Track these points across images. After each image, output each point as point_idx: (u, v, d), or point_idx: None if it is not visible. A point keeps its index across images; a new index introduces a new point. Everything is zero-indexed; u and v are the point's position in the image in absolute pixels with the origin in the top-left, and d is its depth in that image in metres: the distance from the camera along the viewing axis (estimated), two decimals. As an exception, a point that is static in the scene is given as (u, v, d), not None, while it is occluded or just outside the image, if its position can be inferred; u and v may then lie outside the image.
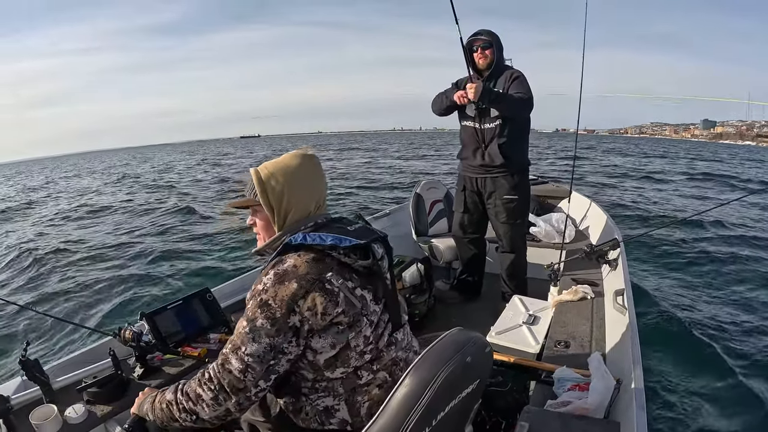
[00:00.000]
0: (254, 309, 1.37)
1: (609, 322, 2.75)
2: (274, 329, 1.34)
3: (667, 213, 12.66)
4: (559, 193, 5.69)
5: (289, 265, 1.39)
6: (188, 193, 20.57)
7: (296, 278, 1.36)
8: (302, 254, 1.42)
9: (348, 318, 1.41)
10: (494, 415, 2.07)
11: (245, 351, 1.34)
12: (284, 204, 1.54)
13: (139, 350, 2.32)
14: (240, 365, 1.35)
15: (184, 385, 1.48)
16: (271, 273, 1.39)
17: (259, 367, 1.35)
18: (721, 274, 7.32)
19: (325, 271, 1.40)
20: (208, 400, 1.39)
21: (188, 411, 1.42)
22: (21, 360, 2.04)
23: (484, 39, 3.52)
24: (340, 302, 1.39)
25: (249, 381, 1.35)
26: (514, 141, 3.64)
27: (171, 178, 28.95)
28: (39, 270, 8.74)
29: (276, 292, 1.35)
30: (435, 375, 1.16)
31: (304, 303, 1.35)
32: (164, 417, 1.49)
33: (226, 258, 8.95)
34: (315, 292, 1.36)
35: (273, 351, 1.35)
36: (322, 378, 1.44)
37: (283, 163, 1.57)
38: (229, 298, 3.16)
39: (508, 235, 3.80)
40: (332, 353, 1.41)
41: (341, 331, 1.40)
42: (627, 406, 1.77)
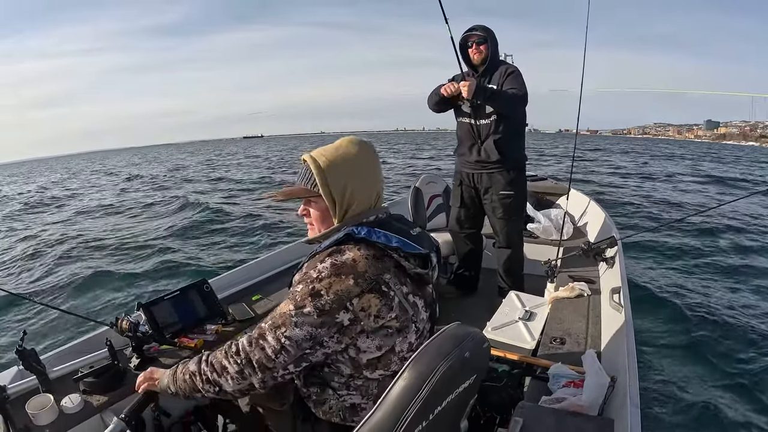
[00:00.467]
0: (304, 295, 1.32)
1: (605, 319, 2.76)
2: (320, 320, 1.31)
3: (665, 212, 12.68)
4: (558, 190, 5.69)
5: (348, 257, 1.35)
6: (193, 188, 20.60)
7: (354, 274, 1.32)
8: (362, 249, 1.38)
9: (399, 323, 1.39)
10: (489, 411, 2.07)
11: (284, 332, 1.32)
12: (347, 196, 1.47)
13: (136, 340, 2.33)
14: (276, 344, 1.33)
15: (209, 356, 1.47)
16: (328, 262, 1.34)
17: (294, 352, 1.33)
18: (717, 274, 7.36)
19: (384, 271, 1.38)
20: (233, 372, 1.37)
21: (212, 382, 1.41)
22: (18, 349, 2.05)
23: (479, 34, 3.51)
24: (394, 307, 1.37)
25: (279, 362, 1.34)
26: (510, 137, 3.64)
27: (180, 175, 28.94)
28: (37, 260, 8.75)
29: (330, 284, 1.31)
30: (433, 369, 1.15)
31: (359, 302, 1.33)
32: (186, 388, 1.48)
33: (228, 250, 8.93)
34: (372, 294, 1.34)
35: (312, 340, 1.32)
36: (359, 376, 1.42)
37: (342, 151, 1.49)
38: (226, 289, 3.16)
39: (505, 230, 3.81)
40: (377, 355, 1.39)
41: (389, 335, 1.38)
42: (621, 403, 1.78)
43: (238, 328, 2.74)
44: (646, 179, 21.14)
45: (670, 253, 8.29)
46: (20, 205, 18.21)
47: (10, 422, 1.86)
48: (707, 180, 21.38)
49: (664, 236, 9.14)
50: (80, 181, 29.31)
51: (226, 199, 16.44)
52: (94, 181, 28.17)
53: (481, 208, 3.94)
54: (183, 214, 13.28)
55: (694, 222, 10.33)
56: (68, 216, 14.32)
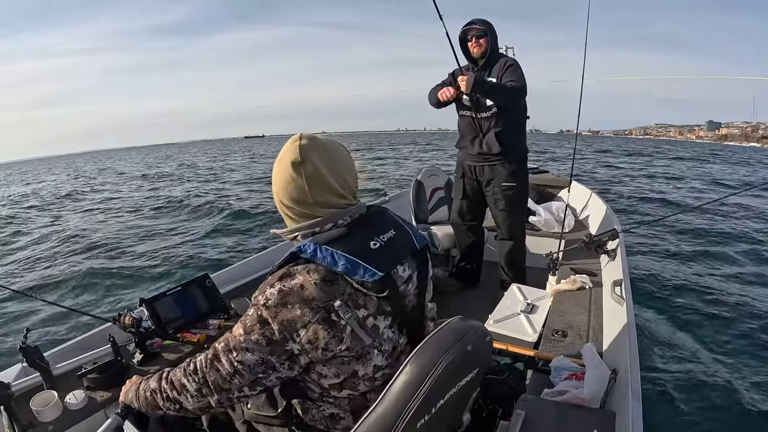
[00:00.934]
0: (253, 321, 1.26)
1: (606, 312, 2.76)
2: (269, 348, 1.25)
3: (667, 205, 12.67)
4: (559, 183, 5.69)
5: (296, 283, 1.23)
6: (197, 187, 20.61)
7: (300, 303, 1.22)
8: (311, 271, 1.24)
9: (354, 352, 1.28)
10: (491, 403, 2.07)
11: (236, 357, 1.27)
12: (291, 201, 1.38)
13: (139, 336, 2.34)
14: (229, 368, 1.28)
15: (168, 374, 1.42)
16: (276, 288, 1.24)
17: (247, 376, 1.28)
18: (720, 266, 7.36)
19: (334, 296, 1.24)
20: (192, 390, 1.34)
21: (172, 400, 1.38)
22: (21, 346, 2.05)
23: (478, 28, 3.51)
24: (345, 338, 1.25)
25: (234, 384, 1.29)
26: (511, 129, 3.65)
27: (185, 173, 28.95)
28: (40, 256, 8.76)
29: (277, 314, 1.22)
30: (436, 363, 1.15)
31: (305, 333, 1.23)
32: (148, 405, 1.46)
33: (230, 245, 8.94)
34: (318, 324, 1.22)
35: (264, 365, 1.27)
36: (328, 395, 1.37)
37: (289, 147, 1.37)
38: (229, 284, 3.18)
39: (507, 222, 3.81)
40: (336, 381, 1.32)
41: (346, 362, 1.29)
42: (623, 396, 1.78)
43: (240, 322, 2.74)
44: (651, 177, 21.01)
45: (672, 245, 8.29)
46: (23, 205, 18.21)
47: (15, 419, 1.87)
48: (715, 182, 21.20)
49: (666, 228, 9.14)
50: (82, 181, 29.29)
51: (241, 195, 16.46)
52: (104, 180, 28.18)
53: (483, 200, 3.94)
54: (196, 212, 13.29)
55: (696, 214, 10.35)
56: (72, 213, 14.33)
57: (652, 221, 9.16)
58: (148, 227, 11.01)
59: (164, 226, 11.03)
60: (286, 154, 1.36)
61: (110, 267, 7.74)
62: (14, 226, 12.48)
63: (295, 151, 1.34)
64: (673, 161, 33.61)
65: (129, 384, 1.59)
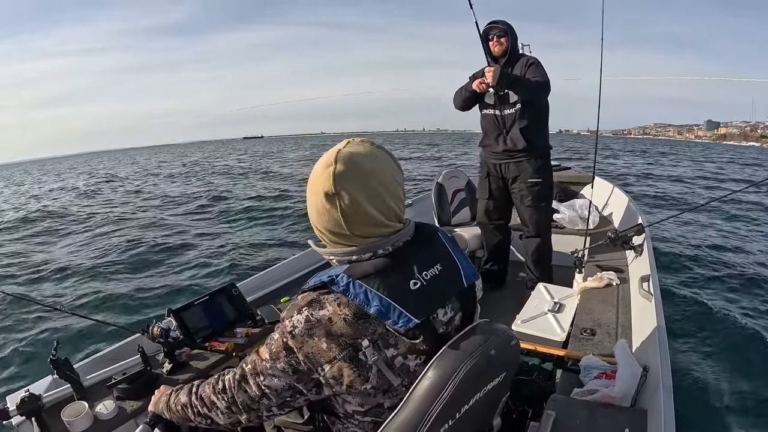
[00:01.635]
0: (278, 347, 1.20)
1: (635, 308, 2.73)
2: (296, 377, 1.20)
3: (693, 198, 12.52)
4: (582, 179, 5.65)
5: (324, 315, 1.16)
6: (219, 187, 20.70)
7: (327, 337, 1.15)
8: (342, 305, 1.15)
9: (380, 390, 1.20)
10: (520, 404, 2.06)
11: (263, 381, 1.24)
12: (331, 228, 1.25)
13: (167, 346, 2.36)
14: (257, 391, 1.25)
15: (198, 388, 1.41)
16: (304, 315, 1.17)
17: (275, 399, 1.26)
18: (750, 258, 7.24)
19: (363, 335, 1.15)
20: (222, 408, 1.32)
21: (203, 416, 1.38)
22: (51, 359, 2.09)
23: (500, 27, 3.55)
24: (371, 377, 1.17)
25: (263, 405, 1.27)
26: (535, 125, 3.66)
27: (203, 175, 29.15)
28: (67, 269, 8.85)
29: (302, 344, 1.17)
30: (458, 368, 1.12)
31: (330, 369, 1.16)
32: (179, 418, 1.46)
33: (255, 254, 8.99)
34: (344, 362, 1.15)
35: (291, 390, 1.23)
36: (352, 417, 1.31)
37: (332, 157, 1.21)
38: (255, 292, 3.20)
39: (534, 218, 3.80)
40: (361, 410, 1.26)
41: (372, 395, 1.21)
42: (654, 393, 1.76)
43: (267, 330, 2.76)
44: (669, 177, 20.75)
45: (700, 238, 8.18)
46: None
47: (46, 430, 1.89)
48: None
49: (692, 221, 9.02)
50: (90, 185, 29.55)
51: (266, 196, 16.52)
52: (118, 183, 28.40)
53: (509, 198, 3.94)
54: (218, 215, 13.37)
55: (723, 206, 10.16)
56: (93, 223, 14.47)
57: (678, 214, 9.03)
58: (174, 235, 11.08)
59: (190, 234, 11.10)
60: (319, 182, 1.21)
61: (137, 278, 7.81)
62: (38, 235, 12.63)
63: (328, 180, 1.18)
64: (692, 161, 33.31)
65: (158, 394, 1.59)
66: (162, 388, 1.60)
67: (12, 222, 14.79)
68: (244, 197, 16.65)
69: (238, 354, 2.50)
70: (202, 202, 16.14)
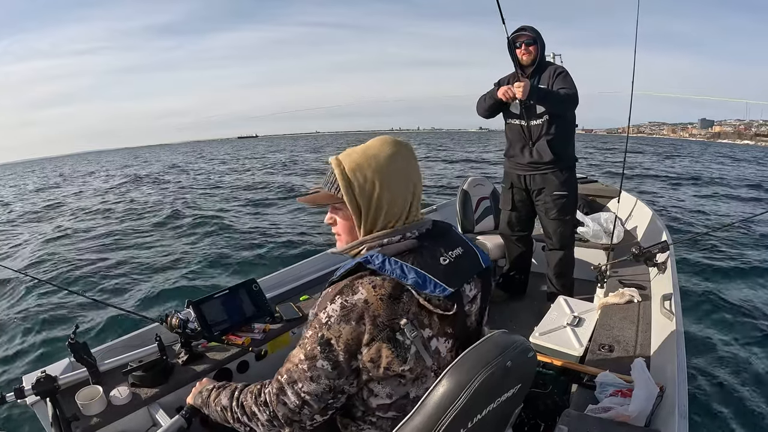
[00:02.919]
0: (314, 345, 1.22)
1: (655, 327, 2.70)
2: (336, 372, 1.21)
3: (718, 217, 12.35)
4: (608, 193, 5.60)
5: (360, 298, 1.19)
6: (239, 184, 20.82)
7: (364, 320, 1.18)
8: (377, 285, 1.20)
9: (414, 374, 1.24)
10: (533, 417, 2.05)
11: (302, 388, 1.24)
12: (374, 205, 1.32)
13: (185, 337, 2.39)
14: (297, 401, 1.25)
15: (240, 394, 1.41)
16: (338, 303, 1.20)
17: (317, 405, 1.25)
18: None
19: (400, 315, 1.20)
20: (263, 420, 1.32)
21: (243, 423, 1.37)
22: (69, 342, 2.12)
23: (528, 35, 3.49)
24: (408, 358, 1.21)
25: (305, 414, 1.26)
26: (562, 137, 3.62)
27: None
28: (91, 256, 8.96)
29: (340, 332, 1.19)
30: (472, 378, 1.12)
31: (368, 351, 1.20)
32: (219, 418, 1.46)
33: (277, 252, 9.01)
34: (383, 342, 1.19)
35: (332, 392, 1.24)
36: (372, 415, 1.32)
37: (372, 153, 1.32)
38: (275, 289, 3.21)
39: (558, 231, 3.78)
40: (387, 402, 1.28)
41: (402, 384, 1.26)
42: (669, 414, 1.75)
43: (285, 328, 2.78)
44: (692, 184, 20.42)
45: (725, 258, 8.05)
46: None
47: (60, 411, 1.92)
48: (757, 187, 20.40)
49: (718, 240, 8.89)
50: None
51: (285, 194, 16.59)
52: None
53: (532, 210, 3.92)
54: (240, 209, 13.44)
55: (749, 225, 10.01)
56: (119, 213, 14.62)
57: (703, 233, 8.92)
58: (201, 228, 11.16)
59: (217, 227, 11.16)
60: (391, 147, 1.33)
61: (159, 269, 7.89)
62: (61, 223, 12.80)
63: (404, 146, 1.35)
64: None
65: (199, 386, 1.59)
66: (204, 381, 1.61)
67: (37, 214, 15.06)
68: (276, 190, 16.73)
69: (254, 349, 2.51)
70: (236, 195, 16.27)
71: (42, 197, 22.02)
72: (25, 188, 29.19)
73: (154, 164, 46.31)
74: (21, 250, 10.12)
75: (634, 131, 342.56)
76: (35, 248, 9.97)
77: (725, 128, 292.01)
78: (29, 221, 14.19)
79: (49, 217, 14.65)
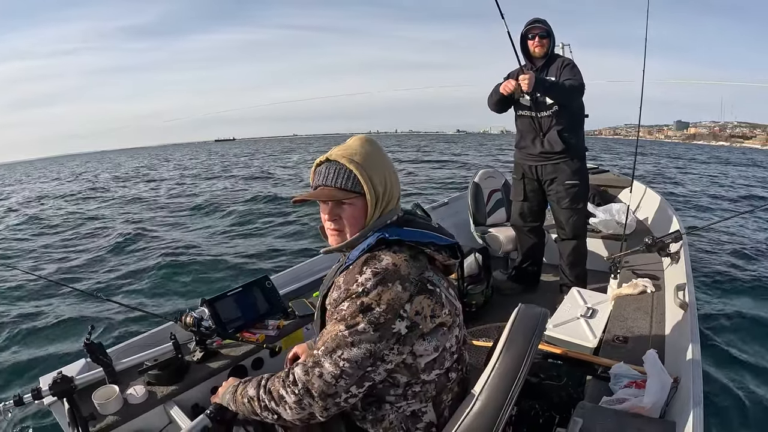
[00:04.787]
0: (354, 312, 1.26)
1: (669, 317, 2.69)
2: (377, 335, 1.25)
3: (730, 205, 12.26)
4: (620, 183, 5.59)
5: (387, 263, 1.30)
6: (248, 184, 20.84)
7: (399, 279, 1.27)
8: (396, 250, 1.34)
9: (451, 318, 1.37)
10: (548, 410, 2.05)
11: (342, 355, 1.25)
12: (388, 190, 1.44)
13: (199, 335, 2.40)
14: (334, 370, 1.26)
15: (267, 381, 1.42)
16: (369, 272, 1.28)
17: (355, 373, 1.26)
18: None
19: (424, 269, 1.36)
20: (291, 402, 1.31)
21: (270, 410, 1.37)
22: (86, 342, 2.15)
23: (542, 27, 3.51)
24: (444, 302, 1.35)
25: (341, 386, 1.27)
26: (572, 126, 3.63)
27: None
28: (105, 256, 9.01)
29: (380, 295, 1.25)
30: (527, 349, 1.32)
31: (411, 307, 1.28)
32: (246, 411, 1.45)
33: (289, 248, 9.03)
34: (421, 295, 1.30)
35: (372, 357, 1.26)
36: (417, 381, 1.37)
37: (367, 147, 1.44)
38: (288, 285, 3.23)
39: (571, 220, 3.77)
40: (434, 356, 1.35)
41: (444, 333, 1.36)
42: (684, 405, 1.73)
43: (298, 324, 2.80)
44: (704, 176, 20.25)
45: (739, 247, 7.99)
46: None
47: (77, 411, 1.94)
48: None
49: (731, 229, 8.82)
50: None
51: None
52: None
53: (544, 201, 3.93)
54: (245, 210, 13.46)
55: (763, 215, 9.93)
56: (133, 212, 14.68)
57: (716, 222, 8.85)
58: (212, 227, 11.20)
59: (229, 226, 11.20)
60: (372, 143, 1.47)
61: (173, 267, 7.91)
62: (76, 224, 12.85)
63: (376, 141, 1.49)
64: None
65: (226, 385, 1.59)
66: (230, 380, 1.61)
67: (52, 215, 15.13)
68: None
69: (269, 345, 2.52)
70: (248, 196, 16.31)
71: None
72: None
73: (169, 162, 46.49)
74: (31, 252, 10.16)
75: (610, 133, 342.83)
76: (47, 250, 10.02)
77: (700, 130, 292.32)
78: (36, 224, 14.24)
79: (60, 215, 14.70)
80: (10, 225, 13.65)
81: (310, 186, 1.50)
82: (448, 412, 1.44)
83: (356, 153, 1.41)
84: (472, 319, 3.63)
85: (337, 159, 1.41)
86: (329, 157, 1.43)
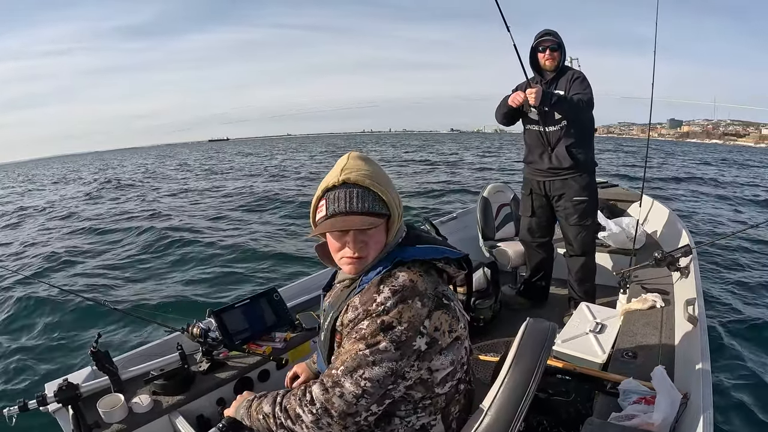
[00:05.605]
0: (374, 331, 1.25)
1: (678, 333, 2.67)
2: (399, 353, 1.25)
3: (741, 219, 12.18)
4: (630, 197, 5.55)
5: (404, 280, 1.30)
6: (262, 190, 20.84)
7: (419, 296, 1.28)
8: (410, 267, 1.34)
9: (465, 331, 1.41)
10: (556, 426, 2.03)
11: (363, 375, 1.24)
12: (401, 207, 1.42)
13: (206, 346, 2.42)
14: (356, 389, 1.25)
15: (282, 398, 1.39)
16: (387, 291, 1.28)
17: (377, 392, 1.27)
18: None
19: (437, 284, 1.37)
20: (308, 422, 1.29)
21: (286, 428, 1.34)
22: (92, 351, 2.16)
23: (553, 40, 3.48)
24: (459, 316, 1.38)
25: (362, 406, 1.26)
26: (581, 141, 3.59)
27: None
28: (113, 265, 9.02)
29: (400, 313, 1.25)
30: (537, 363, 1.32)
31: (430, 323, 1.30)
32: (260, 427, 1.42)
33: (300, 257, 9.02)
34: (439, 310, 1.32)
35: (393, 376, 1.27)
36: (432, 395, 1.37)
37: (370, 166, 1.38)
38: (295, 298, 3.23)
39: (579, 237, 3.74)
40: (449, 370, 1.36)
41: (459, 347, 1.38)
42: (693, 421, 1.72)
43: (305, 336, 2.79)
44: (711, 186, 20.09)
45: (750, 262, 7.93)
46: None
47: (82, 418, 1.94)
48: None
49: (742, 244, 8.75)
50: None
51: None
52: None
53: (552, 216, 3.90)
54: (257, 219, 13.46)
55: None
56: (141, 222, 14.71)
57: (726, 236, 8.77)
58: (219, 237, 11.20)
59: (237, 235, 11.20)
60: (367, 158, 1.43)
61: (179, 277, 7.92)
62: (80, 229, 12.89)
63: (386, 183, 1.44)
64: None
65: (240, 399, 1.57)
66: (245, 393, 1.59)
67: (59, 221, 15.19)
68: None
69: (276, 357, 2.52)
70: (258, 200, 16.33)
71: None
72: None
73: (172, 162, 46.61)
74: (34, 258, 10.18)
75: (604, 131, 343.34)
76: (57, 257, 10.04)
77: (693, 128, 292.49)
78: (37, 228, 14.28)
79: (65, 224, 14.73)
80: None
81: (316, 210, 1.40)
82: (456, 424, 1.45)
83: (369, 172, 1.35)
84: (479, 333, 3.61)
85: (357, 181, 1.34)
86: (346, 181, 1.34)
